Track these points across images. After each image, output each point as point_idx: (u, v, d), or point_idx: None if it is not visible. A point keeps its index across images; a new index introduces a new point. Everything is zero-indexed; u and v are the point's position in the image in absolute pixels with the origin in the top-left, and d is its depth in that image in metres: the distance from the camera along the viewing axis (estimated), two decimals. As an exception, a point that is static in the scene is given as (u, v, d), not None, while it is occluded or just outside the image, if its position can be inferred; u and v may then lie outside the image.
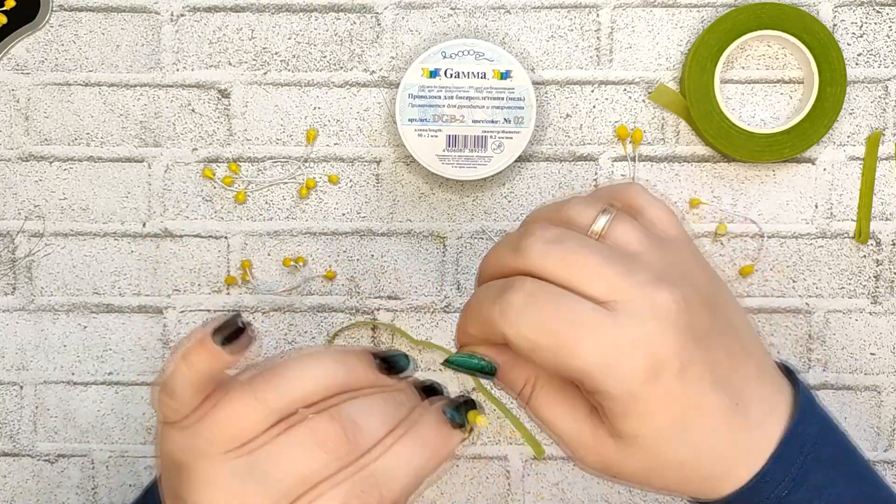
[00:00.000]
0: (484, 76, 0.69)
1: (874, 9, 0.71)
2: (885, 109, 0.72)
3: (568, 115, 0.72)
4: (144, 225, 0.73)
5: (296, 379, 0.38)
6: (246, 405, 0.38)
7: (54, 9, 0.72)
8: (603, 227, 0.41)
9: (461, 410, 0.40)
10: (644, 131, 0.72)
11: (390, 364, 0.41)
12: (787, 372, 0.45)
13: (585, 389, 0.40)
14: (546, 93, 0.72)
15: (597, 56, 0.72)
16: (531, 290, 0.39)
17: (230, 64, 0.72)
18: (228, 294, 0.73)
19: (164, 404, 0.39)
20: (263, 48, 0.72)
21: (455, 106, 0.69)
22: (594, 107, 0.72)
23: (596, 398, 0.40)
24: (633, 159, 0.72)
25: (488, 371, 0.42)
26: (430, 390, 0.42)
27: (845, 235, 0.72)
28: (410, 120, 0.69)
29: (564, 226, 0.41)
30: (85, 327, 0.73)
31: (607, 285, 0.39)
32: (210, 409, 0.38)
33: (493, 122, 0.69)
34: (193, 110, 0.73)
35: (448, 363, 0.42)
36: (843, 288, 0.72)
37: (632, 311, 0.38)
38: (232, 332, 0.39)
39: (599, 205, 0.41)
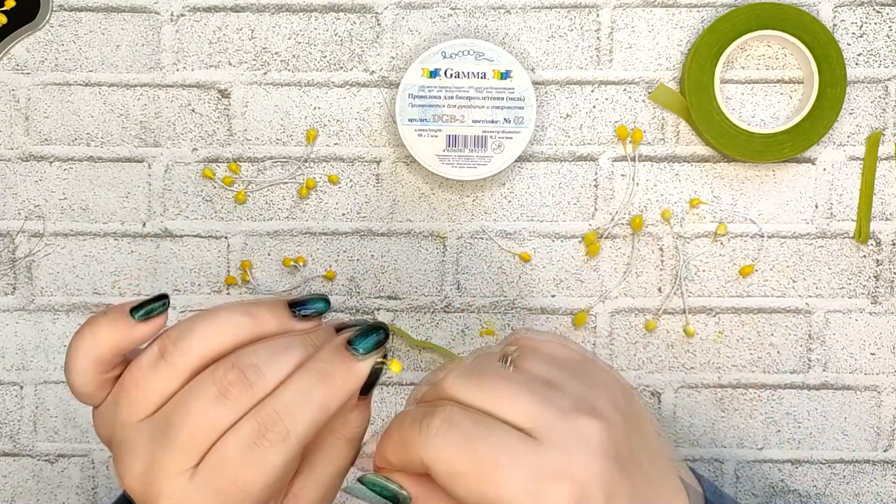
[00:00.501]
0: (484, 76, 0.69)
1: (874, 9, 0.71)
2: (885, 109, 0.72)
3: (568, 115, 0.72)
4: (144, 225, 0.73)
5: (203, 335, 0.38)
6: (156, 370, 0.38)
7: (54, 9, 0.72)
8: (509, 363, 0.40)
9: (368, 339, 0.39)
10: (644, 131, 0.72)
11: (305, 308, 0.40)
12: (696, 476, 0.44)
13: None
14: (546, 93, 0.72)
15: (597, 56, 0.72)
16: (451, 413, 0.38)
17: (230, 64, 0.72)
18: (228, 294, 0.73)
19: (70, 382, 0.39)
20: (263, 48, 0.72)
21: (455, 106, 0.69)
22: (594, 107, 0.72)
23: None
24: (633, 159, 0.72)
25: (401, 500, 0.40)
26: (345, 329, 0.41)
27: (845, 235, 0.72)
28: (410, 120, 0.69)
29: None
30: (85, 327, 0.73)
31: (528, 413, 0.38)
32: (122, 380, 0.39)
33: (493, 122, 0.69)
34: (193, 110, 0.73)
35: (360, 482, 0.40)
36: (842, 288, 0.72)
37: (555, 440, 0.37)
38: (154, 306, 0.39)
39: (497, 353, 0.41)
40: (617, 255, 0.72)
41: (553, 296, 0.73)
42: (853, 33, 0.71)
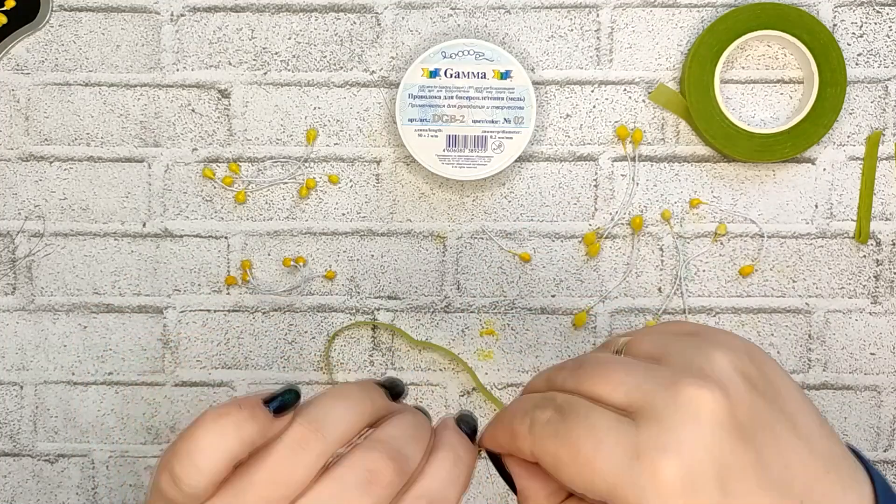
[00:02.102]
0: (484, 76, 0.69)
1: (874, 9, 0.71)
2: (885, 109, 0.72)
3: (568, 115, 0.72)
4: (144, 225, 0.73)
5: (340, 420, 0.37)
6: (297, 459, 0.36)
7: (54, 9, 0.72)
8: (621, 352, 0.39)
9: (473, 423, 0.41)
10: (644, 131, 0.72)
11: (393, 389, 0.41)
12: (860, 461, 0.39)
13: None
14: (546, 93, 0.72)
15: (597, 56, 0.72)
16: (559, 404, 0.37)
17: (230, 64, 0.72)
18: (228, 294, 0.73)
19: (180, 476, 0.34)
20: (263, 48, 0.72)
21: (455, 106, 0.69)
22: (594, 107, 0.72)
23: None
24: (633, 159, 0.72)
25: (512, 485, 0.41)
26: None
27: (845, 235, 0.72)
28: (410, 120, 0.69)
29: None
30: (85, 327, 0.73)
31: (626, 391, 0.35)
32: (257, 473, 0.36)
33: (493, 122, 0.69)
34: (193, 110, 0.73)
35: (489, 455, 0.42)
36: (843, 288, 0.72)
37: (655, 414, 0.34)
38: (288, 398, 0.37)
39: (614, 343, 0.40)
40: (617, 255, 0.72)
41: (553, 296, 0.73)
42: (853, 33, 0.71)
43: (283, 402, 0.36)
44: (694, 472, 0.33)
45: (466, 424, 0.41)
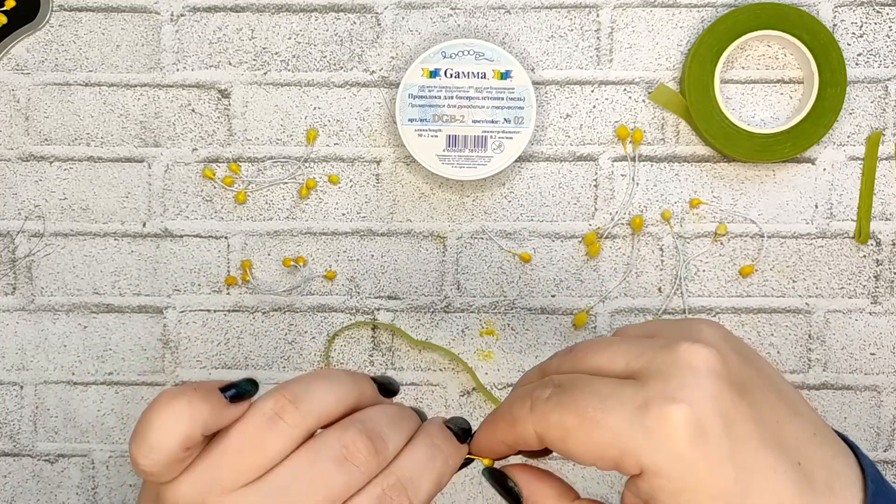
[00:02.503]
0: (484, 76, 0.69)
1: (874, 9, 0.71)
2: (885, 109, 0.72)
3: (568, 115, 0.72)
4: (144, 225, 0.73)
5: (324, 397, 0.37)
6: (273, 430, 0.36)
7: (54, 9, 0.72)
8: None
9: (462, 425, 0.41)
10: (644, 131, 0.72)
11: (386, 387, 0.41)
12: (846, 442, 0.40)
13: (630, 480, 0.36)
14: (546, 93, 0.72)
15: (597, 56, 0.72)
16: (559, 382, 0.37)
17: (230, 64, 0.72)
18: (228, 294, 0.73)
19: (136, 456, 0.35)
20: (263, 48, 0.72)
21: (455, 106, 0.69)
22: (594, 107, 0.72)
23: (642, 486, 0.35)
24: (633, 159, 0.72)
25: (514, 497, 0.41)
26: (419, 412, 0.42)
27: (845, 235, 0.72)
28: (410, 120, 0.69)
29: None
30: (85, 327, 0.73)
31: (625, 358, 0.37)
32: (229, 443, 0.36)
33: (493, 122, 0.69)
34: (193, 110, 0.73)
35: (482, 472, 0.42)
36: (843, 288, 0.72)
37: (658, 371, 0.35)
38: (247, 388, 0.37)
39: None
40: (617, 255, 0.72)
41: (553, 296, 0.73)
42: (853, 33, 0.71)
43: (240, 391, 0.36)
44: (702, 419, 0.34)
45: (455, 424, 0.40)
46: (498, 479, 0.41)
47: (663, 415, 0.34)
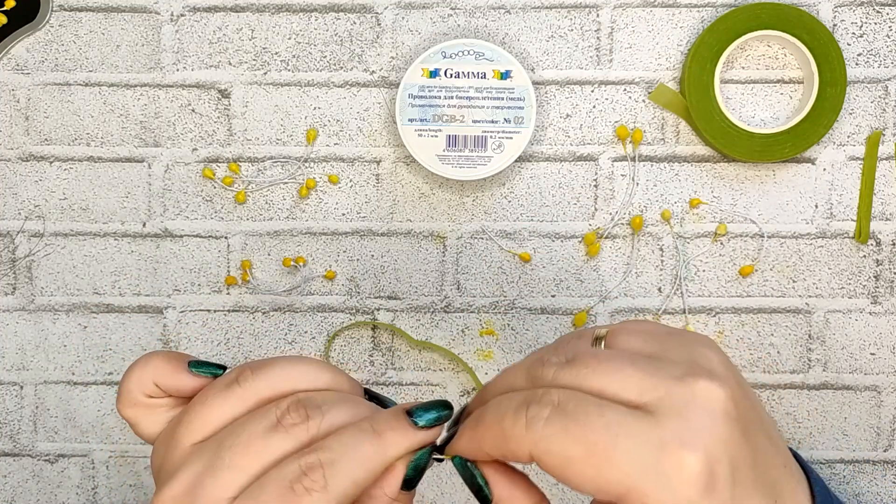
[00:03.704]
0: (484, 76, 0.69)
1: (874, 9, 0.71)
2: (885, 109, 0.72)
3: (568, 115, 0.72)
4: (144, 225, 0.73)
5: (282, 372, 0.38)
6: (226, 393, 0.38)
7: (54, 9, 0.72)
8: (601, 345, 0.37)
9: (429, 412, 0.38)
10: (644, 131, 0.72)
11: (377, 399, 0.40)
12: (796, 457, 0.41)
13: None
14: (546, 93, 0.72)
15: (597, 56, 0.72)
16: (560, 399, 0.35)
17: (230, 64, 0.72)
18: (228, 294, 0.73)
19: (116, 403, 0.41)
20: (263, 48, 0.72)
21: (455, 106, 0.69)
22: (594, 107, 0.72)
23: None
24: (633, 159, 0.72)
25: (483, 496, 0.38)
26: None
27: (845, 235, 0.72)
28: (410, 120, 0.69)
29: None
30: (85, 327, 0.73)
31: (639, 387, 0.35)
32: (192, 402, 0.39)
33: (493, 122, 0.69)
34: (193, 110, 0.73)
35: (452, 460, 0.39)
36: (843, 288, 0.72)
37: (673, 409, 0.34)
38: (209, 368, 0.40)
39: (588, 336, 0.38)
40: (617, 255, 0.72)
41: (553, 296, 0.73)
42: (853, 33, 0.71)
43: (200, 368, 0.40)
44: (712, 466, 0.33)
45: (423, 410, 0.38)
46: (468, 473, 0.38)
47: (679, 461, 0.33)
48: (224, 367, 0.40)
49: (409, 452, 0.38)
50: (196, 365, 0.40)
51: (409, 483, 0.38)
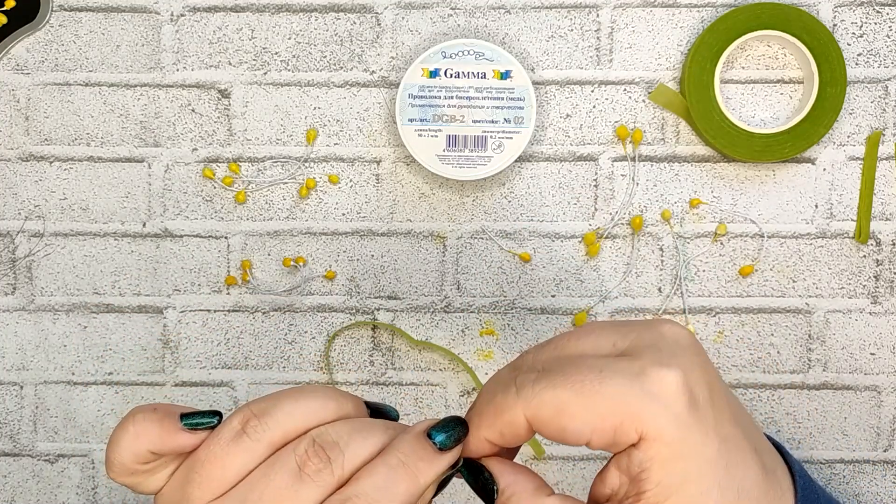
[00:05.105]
0: (484, 76, 0.69)
1: (874, 9, 0.71)
2: (885, 109, 0.72)
3: (568, 115, 0.72)
4: (144, 225, 0.73)
5: (289, 411, 0.37)
6: (238, 444, 0.36)
7: (54, 9, 0.72)
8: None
9: (449, 432, 0.38)
10: (644, 131, 0.72)
11: (380, 412, 0.40)
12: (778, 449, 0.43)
13: (618, 455, 0.37)
14: (546, 93, 0.72)
15: (597, 56, 0.72)
16: (544, 365, 0.37)
17: (230, 64, 0.72)
18: (228, 294, 0.73)
19: (108, 470, 0.38)
20: (263, 48, 0.72)
21: (455, 106, 0.69)
22: (594, 107, 0.72)
23: (635, 456, 0.36)
24: (633, 159, 0.72)
25: (489, 490, 0.39)
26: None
27: (845, 235, 0.72)
28: (410, 120, 0.69)
29: None
30: (85, 327, 0.73)
31: (611, 339, 0.38)
32: (197, 456, 0.37)
33: (493, 122, 0.69)
34: (193, 110, 0.73)
35: (460, 468, 0.40)
36: (843, 288, 0.72)
37: (644, 345, 0.37)
38: (204, 420, 0.38)
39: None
40: (617, 255, 0.72)
41: (553, 296, 0.73)
42: (853, 33, 0.71)
43: (196, 422, 0.37)
44: (691, 385, 0.36)
45: (442, 431, 0.38)
46: (472, 470, 0.39)
47: (661, 379, 0.35)
48: (219, 413, 0.38)
49: (438, 477, 0.38)
50: (189, 419, 0.38)
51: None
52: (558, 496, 0.38)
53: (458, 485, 0.73)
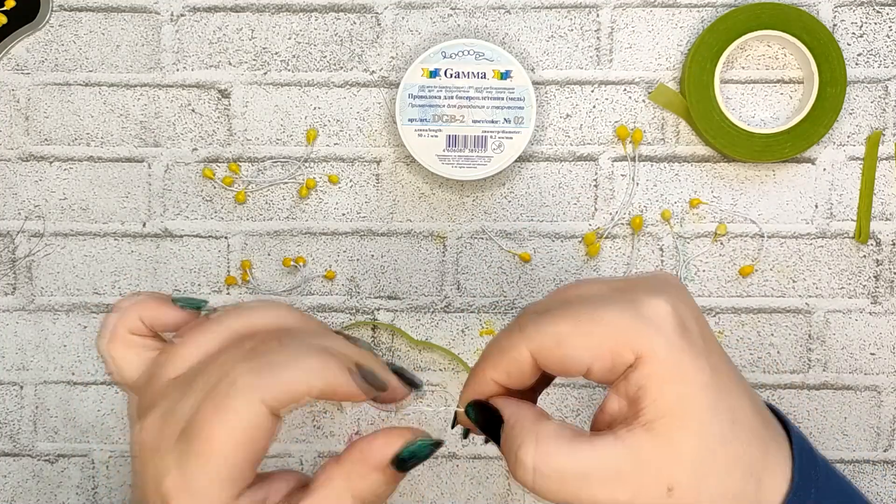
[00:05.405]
0: (484, 76, 0.69)
1: (874, 9, 0.71)
2: (885, 109, 0.72)
3: (568, 115, 0.72)
4: (144, 225, 0.73)
5: (259, 312, 0.40)
6: (203, 328, 0.39)
7: (54, 9, 0.72)
8: None
9: (378, 374, 0.42)
10: (644, 131, 0.72)
11: (368, 377, 0.41)
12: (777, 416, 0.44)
13: (617, 381, 0.39)
14: (546, 93, 0.72)
15: (597, 56, 0.72)
16: (546, 307, 0.40)
17: (230, 64, 0.72)
18: (228, 294, 0.73)
19: (98, 346, 0.42)
20: (263, 48, 0.72)
21: (455, 106, 0.69)
22: (594, 107, 0.72)
23: (633, 378, 0.38)
24: (633, 159, 0.72)
25: (496, 422, 0.42)
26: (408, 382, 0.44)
27: (845, 235, 0.72)
28: (410, 120, 0.69)
29: None
30: (85, 327, 0.73)
31: (606, 285, 0.40)
32: (173, 341, 0.40)
33: (493, 122, 0.69)
34: (193, 110, 0.73)
35: (467, 411, 0.43)
36: (843, 288, 0.72)
37: (636, 282, 0.40)
38: (196, 301, 0.41)
39: None
40: (617, 255, 0.72)
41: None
42: (853, 33, 0.71)
43: (189, 302, 0.41)
44: (681, 314, 0.39)
45: (370, 373, 0.41)
46: (478, 411, 0.42)
47: (654, 305, 0.38)
48: (206, 302, 0.41)
49: (409, 439, 0.40)
50: (180, 300, 0.41)
51: (402, 464, 0.40)
52: (558, 421, 0.40)
53: (458, 485, 0.73)
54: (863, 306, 0.72)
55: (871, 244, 0.72)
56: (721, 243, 0.72)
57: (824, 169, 0.72)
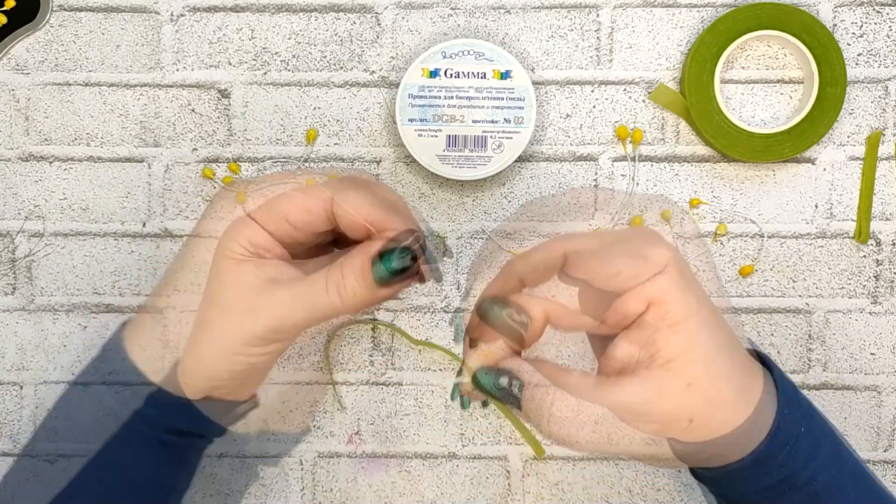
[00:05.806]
0: (484, 76, 0.69)
1: (874, 9, 0.71)
2: (885, 109, 0.72)
3: (568, 115, 0.72)
4: (144, 225, 0.73)
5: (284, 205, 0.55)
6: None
7: (54, 9, 0.72)
8: None
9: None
10: (644, 131, 0.72)
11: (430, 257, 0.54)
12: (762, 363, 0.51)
13: (626, 331, 0.45)
14: (546, 93, 0.72)
15: (597, 56, 0.72)
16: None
17: (230, 64, 0.72)
18: (228, 294, 0.73)
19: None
20: (263, 48, 0.72)
21: (455, 106, 0.69)
22: (594, 107, 0.72)
23: (646, 321, 0.44)
24: (633, 159, 0.72)
25: (515, 392, 0.47)
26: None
27: (845, 235, 0.72)
28: (410, 120, 0.69)
29: None
30: (85, 327, 0.73)
31: (593, 240, 0.48)
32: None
33: (493, 122, 0.69)
34: (193, 110, 0.73)
35: (476, 382, 0.49)
36: (843, 288, 0.72)
37: (634, 239, 0.47)
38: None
39: None
40: (617, 255, 0.72)
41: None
42: (853, 33, 0.71)
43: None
44: (675, 259, 0.45)
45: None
46: (497, 372, 0.48)
47: (657, 255, 0.45)
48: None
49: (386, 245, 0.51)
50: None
51: (382, 279, 0.51)
52: (578, 370, 0.47)
53: (458, 485, 0.73)
54: (863, 306, 0.72)
55: (871, 244, 0.72)
56: (721, 243, 0.72)
57: (824, 169, 0.72)
